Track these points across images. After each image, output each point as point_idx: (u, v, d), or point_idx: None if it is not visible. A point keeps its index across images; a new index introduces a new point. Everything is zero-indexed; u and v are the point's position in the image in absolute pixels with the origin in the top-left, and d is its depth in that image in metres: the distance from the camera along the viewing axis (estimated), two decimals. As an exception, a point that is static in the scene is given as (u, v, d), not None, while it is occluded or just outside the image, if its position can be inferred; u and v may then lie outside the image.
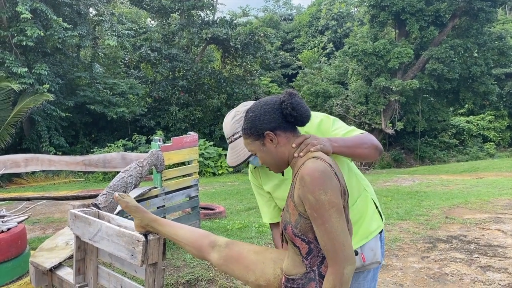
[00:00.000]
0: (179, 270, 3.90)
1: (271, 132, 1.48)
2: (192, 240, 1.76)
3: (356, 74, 21.17)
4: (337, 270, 1.35)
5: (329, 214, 1.34)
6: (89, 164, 5.18)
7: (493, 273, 3.74)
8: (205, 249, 1.73)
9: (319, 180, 1.34)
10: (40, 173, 12.91)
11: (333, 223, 1.34)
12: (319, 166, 1.37)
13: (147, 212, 1.83)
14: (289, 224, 1.44)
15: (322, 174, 1.36)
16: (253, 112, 1.51)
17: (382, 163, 20.71)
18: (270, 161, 1.54)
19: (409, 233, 5.08)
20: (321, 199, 1.33)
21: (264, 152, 1.52)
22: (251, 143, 1.53)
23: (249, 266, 1.64)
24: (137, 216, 1.82)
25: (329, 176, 1.37)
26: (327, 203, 1.34)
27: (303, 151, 1.47)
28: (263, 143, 1.50)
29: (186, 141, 5.17)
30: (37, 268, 2.76)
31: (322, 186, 1.34)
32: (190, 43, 20.34)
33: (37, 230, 6.11)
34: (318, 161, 1.40)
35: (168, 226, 1.81)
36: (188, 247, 1.76)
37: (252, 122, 1.50)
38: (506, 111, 24.00)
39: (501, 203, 6.63)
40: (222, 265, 1.69)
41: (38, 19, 13.80)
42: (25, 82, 13.33)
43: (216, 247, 1.71)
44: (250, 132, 1.51)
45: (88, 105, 16.53)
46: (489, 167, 15.52)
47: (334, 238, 1.34)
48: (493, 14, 19.65)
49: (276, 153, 1.51)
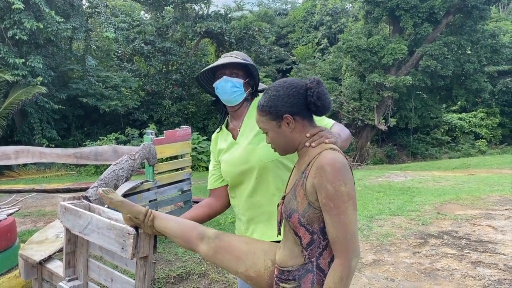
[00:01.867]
0: (171, 264, 3.89)
1: (290, 116, 1.45)
2: (180, 232, 1.73)
3: (350, 70, 21.16)
4: (345, 262, 1.34)
5: (346, 206, 1.34)
6: (81, 157, 5.14)
7: (484, 269, 3.77)
8: (193, 241, 1.71)
9: (340, 171, 1.34)
10: (32, 166, 12.81)
11: (348, 215, 1.34)
12: (340, 158, 1.38)
13: (134, 205, 1.79)
14: (295, 213, 1.42)
15: (342, 165, 1.36)
16: (277, 92, 1.47)
17: (374, 159, 20.79)
18: (279, 143, 1.51)
19: (401, 229, 5.11)
20: (341, 190, 1.33)
21: (277, 134, 1.49)
22: (265, 121, 1.50)
23: (239, 256, 1.63)
24: (124, 211, 1.78)
25: (348, 169, 1.37)
26: (346, 194, 1.34)
27: (316, 142, 1.45)
28: (279, 125, 1.47)
29: (179, 134, 5.15)
30: (27, 261, 2.73)
31: (342, 177, 1.34)
32: (184, 37, 20.21)
33: (28, 223, 6.06)
34: (337, 153, 1.40)
35: (156, 218, 1.77)
36: (177, 239, 1.75)
37: (273, 101, 1.47)
38: (498, 108, 24.17)
39: (492, 199, 6.68)
40: (212, 256, 1.67)
41: (31, 10, 13.64)
42: (18, 74, 13.19)
43: (205, 239, 1.69)
44: (269, 110, 1.47)
45: (80, 98, 16.39)
46: (480, 164, 15.63)
47: (347, 230, 1.34)
48: (487, 11, 19.71)
49: (289, 138, 1.49)
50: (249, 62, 1.89)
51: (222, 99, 1.90)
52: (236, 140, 1.91)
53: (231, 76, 1.86)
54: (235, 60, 1.86)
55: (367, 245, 4.52)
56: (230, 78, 1.85)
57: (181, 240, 1.74)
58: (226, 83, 1.85)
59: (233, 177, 1.89)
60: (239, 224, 2.00)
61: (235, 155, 1.88)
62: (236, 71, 1.87)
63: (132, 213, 1.76)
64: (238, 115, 1.94)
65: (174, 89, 19.00)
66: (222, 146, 1.96)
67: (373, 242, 4.61)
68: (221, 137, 2.00)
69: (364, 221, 5.41)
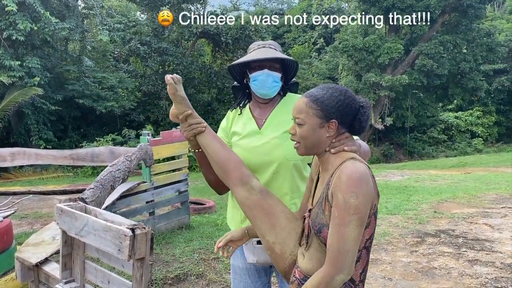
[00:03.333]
0: (168, 265, 3.88)
1: (338, 123, 1.42)
2: (223, 160, 1.64)
3: (347, 69, 21.20)
4: (328, 274, 1.31)
5: (350, 220, 1.28)
6: (77, 158, 5.12)
7: (481, 267, 3.78)
8: (232, 178, 1.62)
9: (355, 182, 1.29)
10: (28, 168, 12.74)
11: (349, 229, 1.29)
12: (360, 168, 1.32)
13: (190, 107, 1.69)
14: (325, 227, 1.37)
15: (360, 176, 1.30)
16: (339, 95, 1.42)
17: (371, 158, 20.81)
18: (309, 141, 1.44)
19: (398, 228, 5.12)
20: (350, 202, 1.28)
21: (313, 131, 1.42)
22: (311, 115, 1.42)
23: (275, 226, 1.55)
24: (178, 107, 1.67)
25: (366, 180, 1.31)
26: (354, 208, 1.28)
27: (336, 148, 1.42)
28: (322, 125, 1.42)
29: (176, 135, 5.13)
30: (23, 264, 2.72)
31: (356, 189, 1.28)
32: (180, 37, 20.17)
33: (25, 225, 6.04)
34: (358, 163, 1.35)
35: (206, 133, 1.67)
36: (215, 164, 1.66)
37: (331, 100, 1.41)
38: (494, 107, 24.25)
39: (488, 197, 6.71)
40: (247, 206, 1.58)
41: (27, 11, 13.60)
42: (15, 75, 13.15)
43: (248, 186, 1.59)
44: (322, 106, 1.41)
45: (77, 99, 16.34)
46: (476, 162, 15.69)
47: (342, 243, 1.29)
48: (482, 10, 19.79)
49: (322, 141, 1.43)
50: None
51: (258, 92, 1.86)
52: (261, 130, 1.86)
53: (271, 70, 1.82)
54: (279, 54, 1.83)
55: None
56: (271, 72, 1.81)
57: (220, 168, 1.65)
58: (268, 77, 1.81)
59: (249, 166, 1.81)
60: (235, 213, 1.92)
61: (256, 145, 1.83)
62: (276, 64, 1.84)
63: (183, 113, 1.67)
64: (265, 106, 1.91)
65: (170, 89, 18.92)
66: (239, 130, 1.91)
67: (370, 241, 4.62)
68: (239, 119, 1.94)
69: (361, 220, 5.42)
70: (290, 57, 1.84)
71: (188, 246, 4.42)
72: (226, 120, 1.99)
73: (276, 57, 1.81)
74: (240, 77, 1.93)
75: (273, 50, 1.85)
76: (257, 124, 1.88)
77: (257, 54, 1.83)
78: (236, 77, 1.94)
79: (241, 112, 1.95)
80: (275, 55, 1.82)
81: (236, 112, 1.96)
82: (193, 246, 4.40)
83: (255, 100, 1.92)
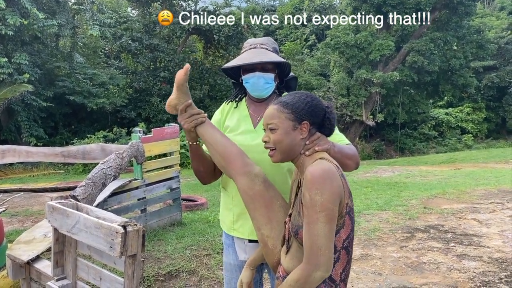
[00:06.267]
0: (160, 262, 3.89)
1: (309, 124, 1.48)
2: (223, 149, 1.64)
3: (338, 66, 21.26)
4: (305, 270, 1.34)
5: (317, 217, 1.31)
6: (68, 156, 5.10)
7: (469, 261, 3.84)
8: (235, 167, 1.61)
9: (319, 180, 1.33)
10: (19, 165, 12.63)
11: (318, 226, 1.31)
12: (324, 166, 1.36)
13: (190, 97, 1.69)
14: (300, 228, 1.40)
15: (324, 173, 1.34)
16: (306, 97, 1.50)
17: (362, 155, 20.93)
18: (284, 145, 1.48)
19: (388, 223, 5.17)
20: (315, 199, 1.31)
21: (287, 135, 1.47)
22: (283, 119, 1.47)
23: (272, 220, 1.56)
24: (179, 96, 1.67)
25: (331, 177, 1.34)
26: (320, 205, 1.31)
27: (309, 150, 1.47)
28: (295, 127, 1.47)
29: (167, 132, 5.14)
30: (14, 261, 2.71)
31: (320, 186, 1.32)
32: (171, 34, 20.08)
33: (15, 222, 6.01)
34: (325, 162, 1.39)
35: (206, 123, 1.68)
36: (216, 154, 1.66)
37: (301, 104, 1.48)
38: (484, 103, 24.48)
39: (477, 193, 6.79)
40: (250, 196, 1.57)
41: (16, 7, 13.45)
42: (4, 72, 13.01)
43: (252, 175, 1.58)
44: (292, 109, 1.47)
45: (67, 95, 16.22)
46: (466, 158, 15.84)
47: (313, 240, 1.32)
48: (472, 7, 19.94)
49: (296, 143, 1.48)
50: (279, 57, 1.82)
51: (252, 94, 1.86)
52: (255, 129, 1.85)
53: (263, 71, 1.79)
54: (270, 57, 1.79)
55: (355, 239, 4.57)
56: (263, 74, 1.79)
57: (222, 159, 1.64)
58: (259, 79, 1.79)
59: None
60: (227, 214, 1.92)
61: (251, 143, 1.80)
62: (268, 65, 1.80)
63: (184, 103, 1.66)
64: (260, 104, 1.89)
65: (162, 86, 18.88)
66: (233, 124, 1.89)
67: (360, 236, 4.67)
68: (235, 113, 1.93)
69: (352, 216, 5.46)
70: (281, 59, 1.80)
71: (180, 242, 4.43)
72: (220, 113, 1.97)
73: (265, 61, 1.77)
74: (236, 76, 1.92)
75: (264, 50, 1.82)
76: (252, 123, 1.88)
77: (248, 55, 1.80)
78: (231, 75, 1.94)
79: (237, 105, 1.93)
80: (265, 58, 1.77)
81: (231, 105, 1.95)
82: (185, 242, 4.42)
83: (253, 98, 1.92)
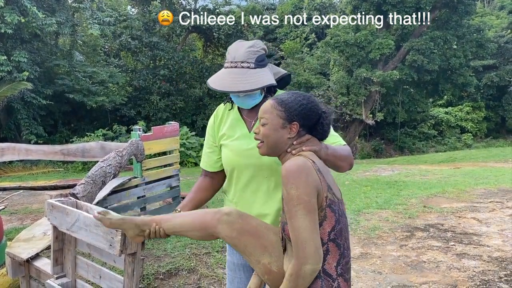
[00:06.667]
0: (160, 260, 3.89)
1: (299, 126, 1.50)
2: (192, 224, 1.61)
3: (338, 65, 21.22)
4: (296, 265, 1.35)
5: (296, 210, 1.33)
6: (68, 154, 5.10)
7: (468, 260, 3.84)
8: (210, 227, 1.57)
9: (293, 174, 1.35)
10: (18, 163, 12.60)
11: (298, 219, 1.33)
12: (298, 161, 1.39)
13: (134, 219, 1.69)
14: (286, 225, 1.42)
15: (298, 168, 1.36)
16: (303, 99, 1.52)
17: (362, 153, 20.94)
18: (271, 141, 1.52)
19: (388, 222, 5.17)
20: (291, 193, 1.34)
21: (275, 132, 1.50)
22: (275, 115, 1.50)
23: (266, 246, 1.53)
24: (127, 228, 1.68)
25: (306, 172, 1.36)
26: (296, 198, 1.33)
27: (296, 150, 1.49)
28: (284, 126, 1.50)
29: (167, 130, 5.14)
30: (14, 259, 2.71)
31: (295, 180, 1.34)
32: (171, 32, 20.05)
33: (15, 220, 6.00)
34: (300, 158, 1.41)
35: (164, 222, 1.65)
36: (192, 233, 1.62)
37: (295, 104, 1.50)
38: (483, 102, 24.46)
39: (477, 192, 6.79)
40: (235, 238, 1.54)
41: (15, 5, 13.43)
42: (3, 70, 13.00)
43: (224, 218, 1.54)
44: (285, 107, 1.50)
45: (67, 93, 16.20)
46: (466, 157, 15.84)
47: (297, 234, 1.34)
48: (472, 6, 19.91)
49: (282, 141, 1.51)
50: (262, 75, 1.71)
51: (239, 105, 1.85)
52: (250, 133, 1.82)
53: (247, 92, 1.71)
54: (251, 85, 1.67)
55: (355, 238, 4.58)
56: (247, 95, 1.75)
57: (197, 231, 1.61)
58: (244, 100, 1.77)
59: (237, 167, 1.81)
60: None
61: (246, 148, 1.79)
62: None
63: (137, 228, 1.66)
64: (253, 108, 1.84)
65: (162, 84, 18.87)
66: (228, 129, 1.87)
67: (360, 235, 4.67)
68: (229, 116, 1.90)
69: (351, 215, 5.47)
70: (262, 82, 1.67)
71: (179, 241, 4.43)
72: (214, 118, 1.95)
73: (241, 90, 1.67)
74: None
75: (245, 70, 1.69)
76: (247, 126, 1.85)
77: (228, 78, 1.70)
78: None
79: (232, 107, 1.91)
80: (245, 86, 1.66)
81: (226, 108, 1.93)
82: (185, 241, 4.41)
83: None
